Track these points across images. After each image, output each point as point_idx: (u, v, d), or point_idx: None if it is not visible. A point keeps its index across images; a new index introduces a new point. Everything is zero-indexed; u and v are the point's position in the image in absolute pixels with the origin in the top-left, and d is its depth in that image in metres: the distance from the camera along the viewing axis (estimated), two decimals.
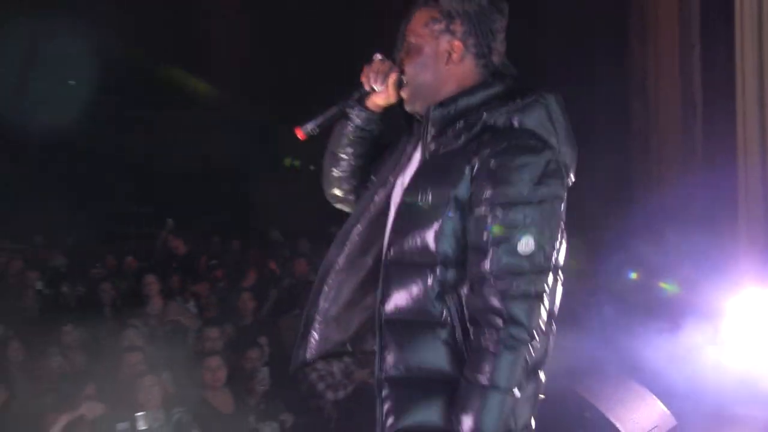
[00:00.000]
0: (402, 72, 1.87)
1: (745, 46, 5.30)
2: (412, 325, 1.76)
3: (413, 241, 1.75)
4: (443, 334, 1.74)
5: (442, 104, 1.80)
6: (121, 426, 4.37)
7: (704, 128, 6.29)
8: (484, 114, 1.76)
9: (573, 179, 1.84)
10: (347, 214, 2.04)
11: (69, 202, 11.54)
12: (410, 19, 1.88)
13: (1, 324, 6.10)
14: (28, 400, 5.02)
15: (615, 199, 6.72)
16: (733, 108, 5.43)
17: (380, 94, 1.91)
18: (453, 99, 1.81)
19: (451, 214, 1.71)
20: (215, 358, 5.11)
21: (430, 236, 1.73)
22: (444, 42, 1.83)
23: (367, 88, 1.91)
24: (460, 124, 1.78)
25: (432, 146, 1.81)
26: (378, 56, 1.91)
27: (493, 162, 1.68)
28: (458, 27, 1.82)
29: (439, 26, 1.83)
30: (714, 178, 5.67)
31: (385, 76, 1.87)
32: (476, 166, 1.70)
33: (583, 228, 5.05)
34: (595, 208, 6.13)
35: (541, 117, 1.76)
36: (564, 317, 1.85)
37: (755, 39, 5.24)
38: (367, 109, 1.95)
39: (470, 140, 1.76)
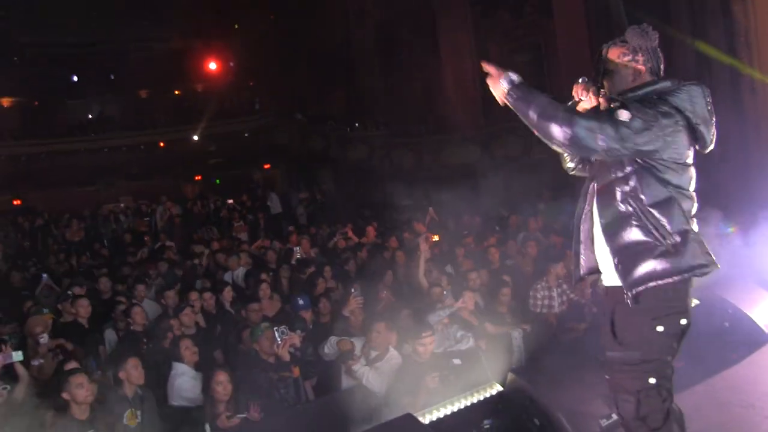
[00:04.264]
0: (602, 86, 3.17)
1: None
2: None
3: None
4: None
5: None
6: None
7: None
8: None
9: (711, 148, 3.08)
10: None
11: None
12: (606, 52, 3.18)
13: None
14: None
15: None
16: None
17: (585, 102, 3.13)
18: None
19: None
20: None
21: None
22: (630, 69, 3.11)
23: (576, 98, 3.17)
24: None
25: None
26: (584, 78, 3.17)
27: None
28: (640, 57, 3.10)
29: (627, 58, 3.11)
30: None
31: (588, 91, 3.12)
32: None
33: None
34: None
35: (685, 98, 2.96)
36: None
37: None
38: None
39: None
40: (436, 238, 10.72)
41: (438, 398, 5.04)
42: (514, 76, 2.96)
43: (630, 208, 2.99)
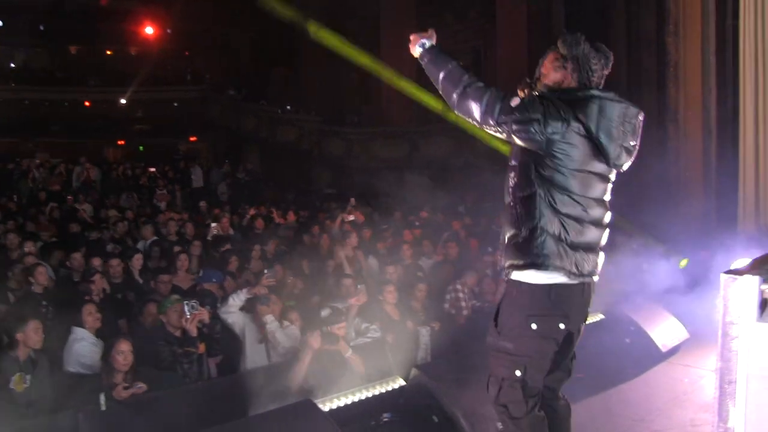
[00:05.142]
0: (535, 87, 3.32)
1: None
2: None
3: None
4: None
5: None
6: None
7: None
8: None
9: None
10: None
11: None
12: (545, 57, 3.30)
13: None
14: None
15: None
16: None
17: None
18: None
19: None
20: None
21: None
22: (559, 74, 3.18)
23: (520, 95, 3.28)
24: None
25: None
26: (525, 79, 3.32)
27: None
28: (569, 65, 3.15)
29: (557, 64, 3.19)
30: None
31: (523, 90, 3.26)
32: None
33: None
34: None
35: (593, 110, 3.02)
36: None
37: None
38: None
39: None
40: (351, 217, 10.74)
41: (340, 387, 5.04)
42: (427, 41, 3.18)
43: (509, 199, 3.17)
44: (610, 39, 12.56)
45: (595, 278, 3.19)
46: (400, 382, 5.19)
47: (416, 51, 3.20)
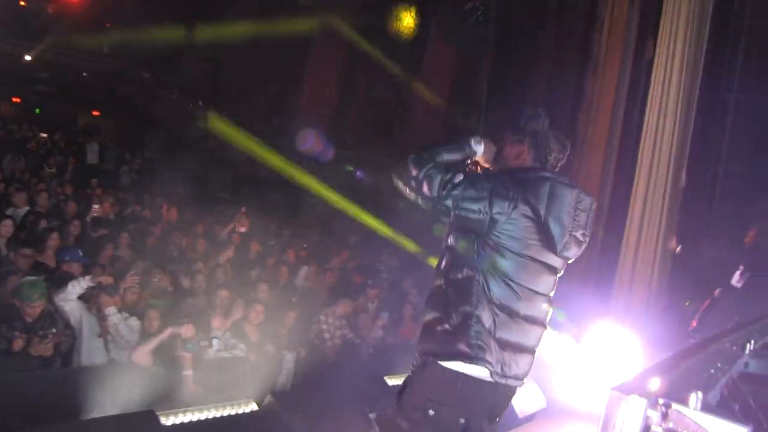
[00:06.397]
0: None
1: None
2: None
3: None
4: None
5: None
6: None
7: None
8: None
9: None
10: None
11: None
12: (502, 131, 3.10)
13: None
14: None
15: None
16: None
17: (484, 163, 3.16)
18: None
19: None
20: None
21: None
22: (514, 149, 3.03)
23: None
24: None
25: None
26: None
27: None
28: (526, 141, 3.01)
29: (514, 138, 3.03)
30: None
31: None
32: None
33: None
34: None
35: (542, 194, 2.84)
36: None
37: None
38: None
39: None
40: (243, 229, 10.49)
41: (191, 402, 4.85)
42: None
43: (440, 281, 2.94)
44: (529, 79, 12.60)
45: (519, 384, 2.94)
46: (252, 407, 5.02)
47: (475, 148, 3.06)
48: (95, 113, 26.35)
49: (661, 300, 8.17)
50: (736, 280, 6.24)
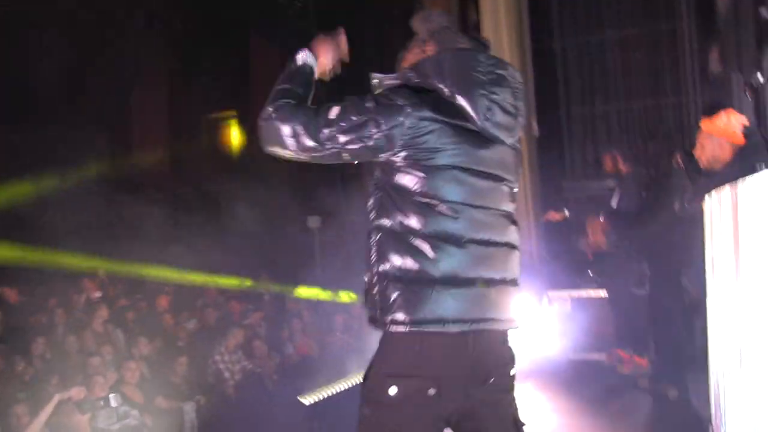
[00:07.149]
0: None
1: None
2: None
3: None
4: None
5: None
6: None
7: None
8: None
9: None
10: None
11: None
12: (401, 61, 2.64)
13: None
14: None
15: None
16: None
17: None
18: None
19: None
20: None
21: None
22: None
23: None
24: None
25: None
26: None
27: None
28: (429, 46, 2.40)
29: (417, 50, 2.42)
30: None
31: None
32: None
33: None
34: None
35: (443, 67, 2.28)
36: None
37: None
38: None
39: None
40: (99, 293, 9.58)
41: None
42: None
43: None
44: None
45: (500, 326, 2.24)
46: None
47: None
48: None
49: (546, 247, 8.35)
50: (615, 202, 6.57)
